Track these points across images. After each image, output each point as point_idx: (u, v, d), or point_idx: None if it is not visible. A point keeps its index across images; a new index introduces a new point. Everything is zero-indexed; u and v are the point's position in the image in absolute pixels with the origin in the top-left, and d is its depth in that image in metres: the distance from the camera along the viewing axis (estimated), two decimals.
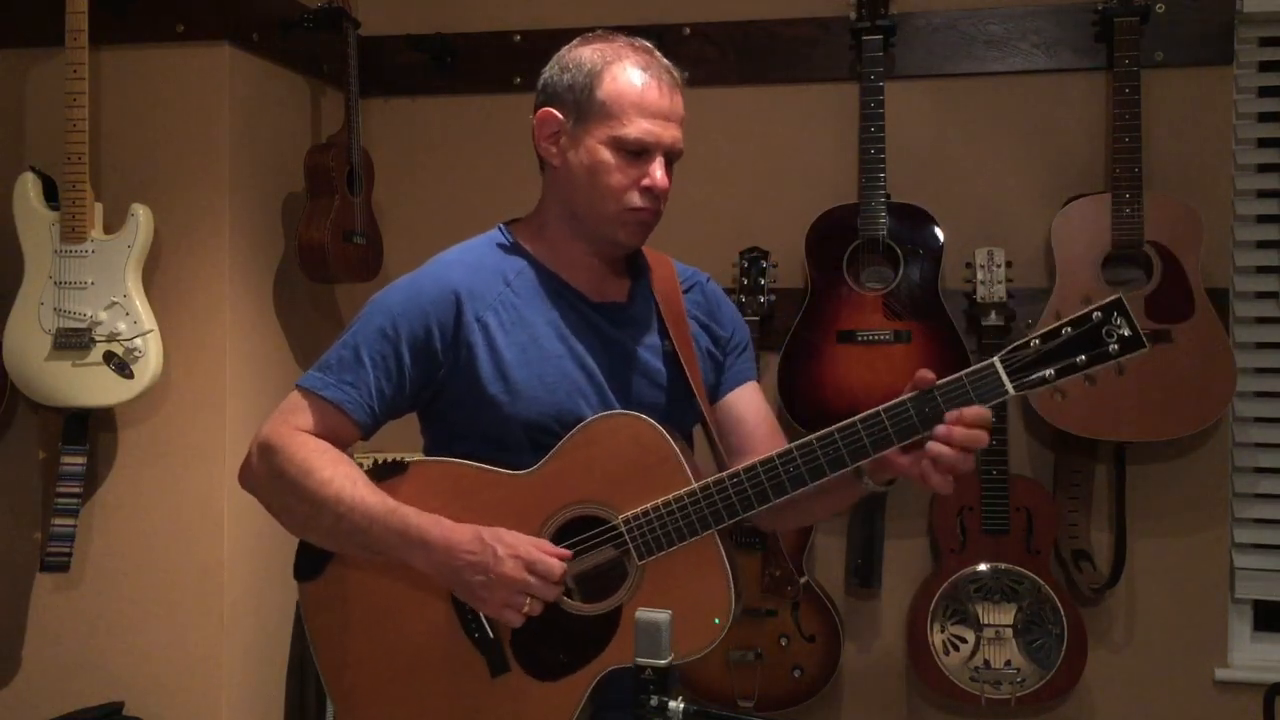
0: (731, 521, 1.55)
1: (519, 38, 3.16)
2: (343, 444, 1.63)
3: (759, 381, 1.83)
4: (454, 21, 3.21)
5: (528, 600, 1.52)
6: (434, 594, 1.61)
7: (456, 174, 3.23)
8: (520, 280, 1.67)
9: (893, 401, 1.50)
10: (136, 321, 2.58)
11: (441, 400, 1.65)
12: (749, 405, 1.78)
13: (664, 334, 1.71)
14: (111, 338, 2.57)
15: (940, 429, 1.47)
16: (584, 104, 1.61)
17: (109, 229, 2.62)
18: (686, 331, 1.73)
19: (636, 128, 1.59)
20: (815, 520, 2.80)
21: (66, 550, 2.62)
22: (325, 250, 2.85)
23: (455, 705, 1.61)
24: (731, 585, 1.54)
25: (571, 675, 1.57)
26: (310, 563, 1.67)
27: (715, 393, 1.79)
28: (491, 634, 1.59)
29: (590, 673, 1.57)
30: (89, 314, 2.57)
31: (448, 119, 3.25)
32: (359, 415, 1.60)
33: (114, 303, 2.58)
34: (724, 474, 1.56)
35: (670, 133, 1.62)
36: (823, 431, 1.53)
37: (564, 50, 1.68)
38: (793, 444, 1.55)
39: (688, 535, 1.55)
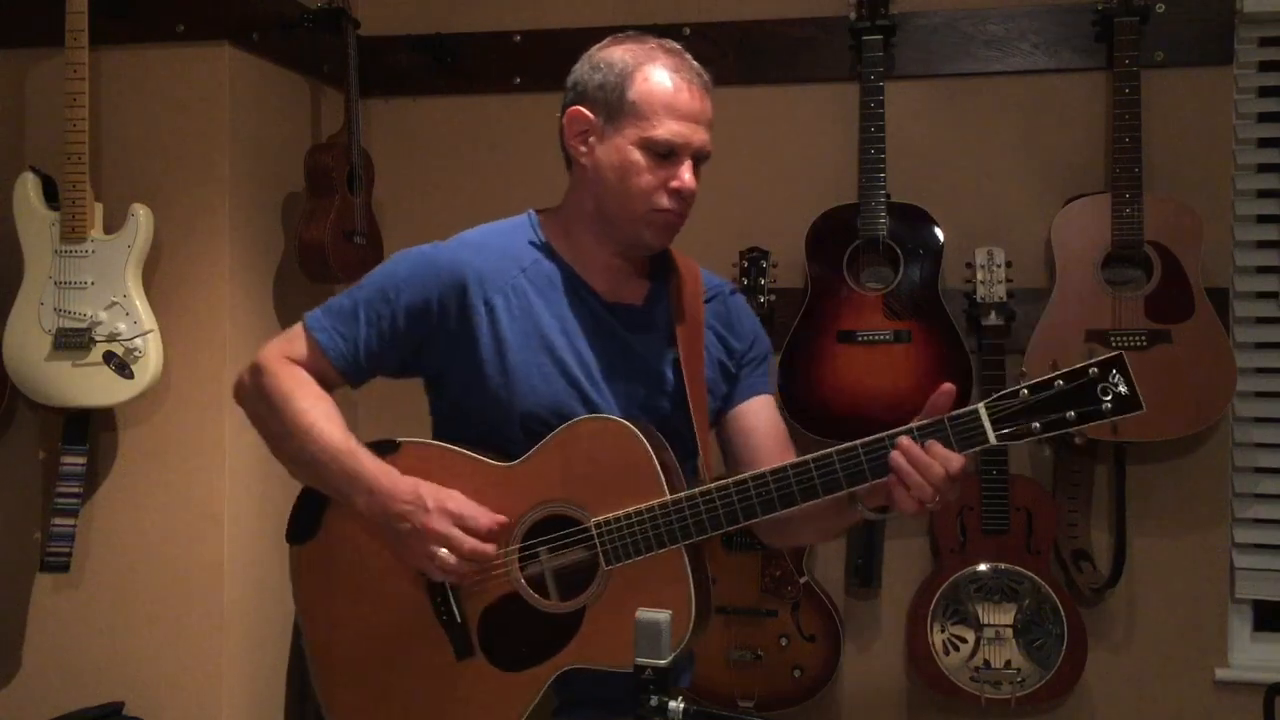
0: (700, 538, 1.55)
1: (519, 38, 3.16)
2: (326, 386, 1.68)
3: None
4: (454, 22, 3.21)
5: (442, 551, 1.54)
6: (412, 571, 1.63)
7: (456, 174, 3.23)
8: (536, 270, 1.68)
9: (871, 437, 1.50)
10: (136, 321, 2.58)
11: (445, 381, 1.68)
12: (758, 417, 1.78)
13: (675, 341, 1.71)
14: (111, 338, 2.57)
15: (894, 454, 1.46)
16: (615, 104, 1.62)
17: (109, 229, 2.62)
18: (700, 341, 1.72)
19: (666, 129, 1.60)
20: (810, 542, 2.79)
21: (66, 550, 2.62)
22: (325, 250, 2.85)
23: (420, 682, 1.64)
24: (693, 600, 1.54)
25: (531, 669, 1.59)
26: (303, 527, 1.70)
27: (727, 402, 1.78)
28: (459, 618, 1.61)
29: (549, 669, 1.58)
30: (89, 314, 2.57)
31: (448, 119, 3.25)
32: (341, 365, 1.66)
33: (114, 303, 2.58)
34: (696, 490, 1.55)
35: (699, 135, 1.63)
36: (798, 459, 1.53)
37: (594, 49, 1.68)
38: (766, 469, 1.54)
39: (655, 546, 1.55)
